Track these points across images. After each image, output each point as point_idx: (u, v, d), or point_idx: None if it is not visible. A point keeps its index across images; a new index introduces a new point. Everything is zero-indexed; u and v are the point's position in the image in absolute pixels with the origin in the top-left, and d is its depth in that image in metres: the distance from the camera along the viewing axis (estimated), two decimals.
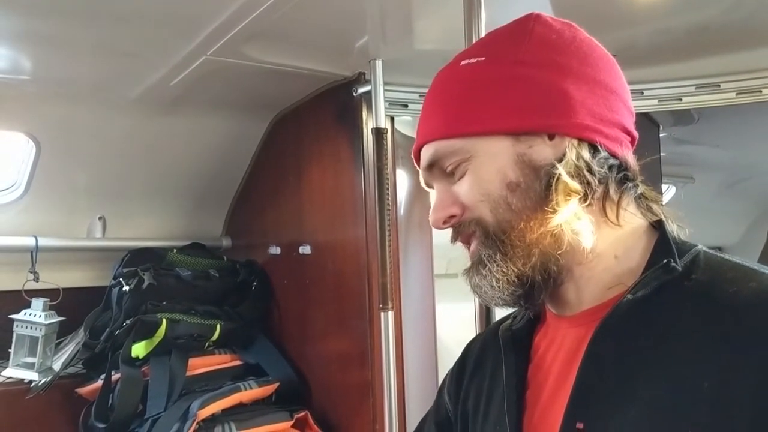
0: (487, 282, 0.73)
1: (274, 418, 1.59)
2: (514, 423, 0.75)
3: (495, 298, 0.74)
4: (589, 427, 0.66)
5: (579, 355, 0.70)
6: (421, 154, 0.79)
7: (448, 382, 0.93)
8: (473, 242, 0.75)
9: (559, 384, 0.73)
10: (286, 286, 1.84)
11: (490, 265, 0.72)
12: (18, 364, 1.72)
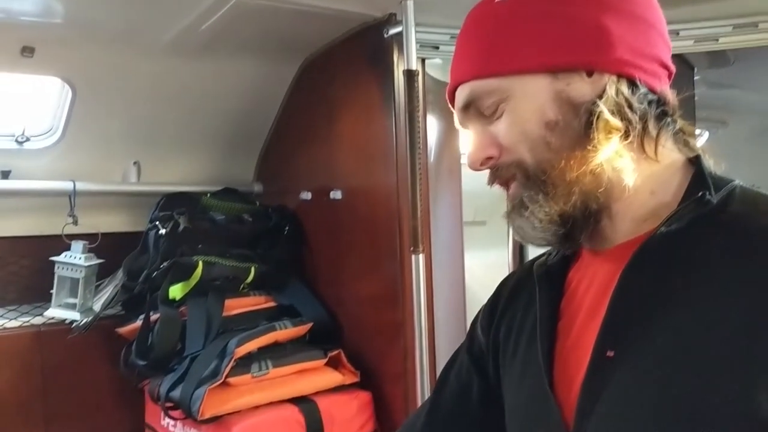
0: (529, 223, 0.73)
1: (308, 356, 1.64)
2: (545, 351, 0.76)
3: (537, 238, 0.74)
4: (618, 355, 0.68)
5: (611, 287, 0.71)
6: (456, 95, 0.79)
7: (481, 316, 0.95)
8: (513, 184, 0.75)
9: (590, 316, 0.75)
10: (317, 230, 1.87)
11: (531, 206, 0.73)
12: (60, 304, 1.79)
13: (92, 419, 1.87)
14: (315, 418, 1.54)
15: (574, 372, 0.74)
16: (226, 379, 1.51)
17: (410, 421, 0.99)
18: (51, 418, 1.84)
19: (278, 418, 1.52)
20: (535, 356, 0.78)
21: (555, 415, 0.73)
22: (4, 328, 1.81)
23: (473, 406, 0.92)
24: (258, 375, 1.56)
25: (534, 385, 0.78)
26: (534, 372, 0.78)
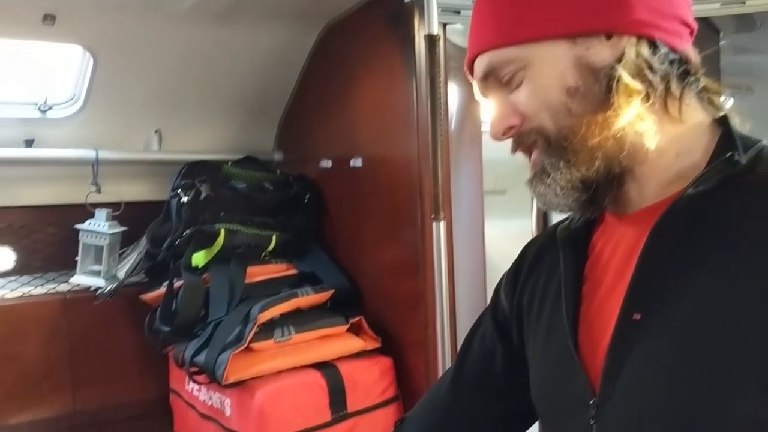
0: (552, 190, 0.73)
1: (330, 322, 1.65)
2: (571, 314, 0.77)
3: (560, 205, 0.74)
4: (645, 317, 0.68)
5: (637, 250, 0.71)
6: (474, 66, 0.78)
7: (504, 281, 0.95)
8: (535, 151, 0.75)
9: (616, 279, 0.75)
10: (337, 198, 1.87)
11: (553, 173, 0.72)
12: (85, 271, 1.81)
13: (118, 384, 1.91)
14: (337, 383, 1.56)
15: (599, 335, 0.74)
16: (249, 344, 1.53)
17: (436, 387, 1.00)
18: (78, 382, 1.88)
19: (301, 382, 1.54)
20: (560, 320, 0.78)
21: (580, 378, 0.73)
22: (30, 295, 1.85)
23: (497, 371, 0.93)
24: (281, 340, 1.58)
25: (559, 348, 0.78)
26: (559, 336, 0.78)
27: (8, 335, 1.80)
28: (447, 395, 0.96)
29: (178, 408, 1.81)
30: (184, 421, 1.78)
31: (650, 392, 0.66)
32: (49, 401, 1.85)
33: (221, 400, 1.58)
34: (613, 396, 0.69)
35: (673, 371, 0.65)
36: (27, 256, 1.92)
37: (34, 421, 1.84)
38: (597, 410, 0.70)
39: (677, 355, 0.65)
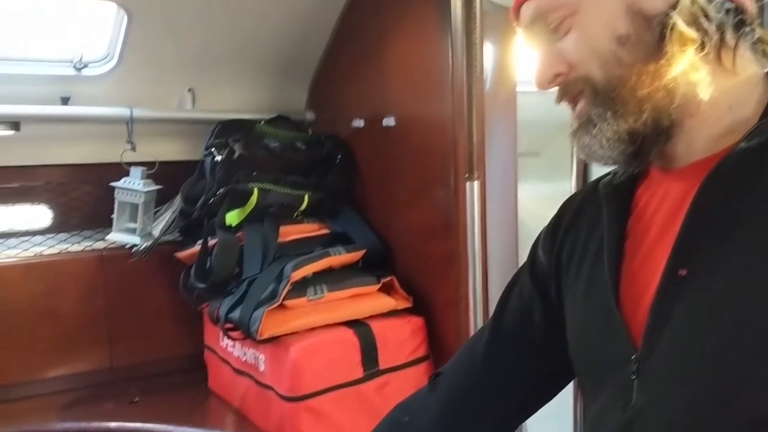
0: (597, 141, 0.72)
1: (362, 281, 1.66)
2: (612, 269, 0.76)
3: (604, 157, 0.73)
4: (691, 273, 0.67)
5: (684, 205, 0.70)
6: (520, 12, 0.77)
7: (543, 237, 0.94)
8: (581, 101, 0.74)
9: (661, 234, 0.74)
10: (369, 158, 1.87)
11: (600, 123, 0.71)
12: (120, 229, 1.84)
13: (153, 339, 1.95)
14: (369, 341, 1.57)
15: (641, 291, 0.73)
16: (283, 301, 1.55)
17: (472, 342, 1.00)
18: (114, 337, 1.92)
19: (334, 339, 1.55)
20: (601, 275, 0.78)
21: (621, 333, 0.73)
22: (68, 251, 1.88)
23: (535, 328, 0.93)
24: (313, 298, 1.59)
25: (599, 303, 0.77)
26: (599, 291, 0.78)
27: (46, 291, 1.84)
28: (483, 351, 0.96)
29: (212, 363, 1.85)
30: (218, 376, 1.81)
31: (693, 349, 0.66)
32: (87, 356, 1.90)
33: (255, 356, 1.61)
34: (655, 352, 0.69)
35: (717, 330, 0.64)
36: (64, 213, 1.95)
37: (72, 375, 1.89)
38: (638, 366, 0.70)
39: (722, 313, 0.65)
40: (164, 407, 1.74)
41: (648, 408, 0.68)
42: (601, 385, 0.76)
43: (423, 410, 0.97)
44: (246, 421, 1.65)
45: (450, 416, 0.95)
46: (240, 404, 1.70)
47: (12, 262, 1.81)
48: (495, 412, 0.95)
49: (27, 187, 1.88)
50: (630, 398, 0.70)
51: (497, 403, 0.95)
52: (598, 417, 0.76)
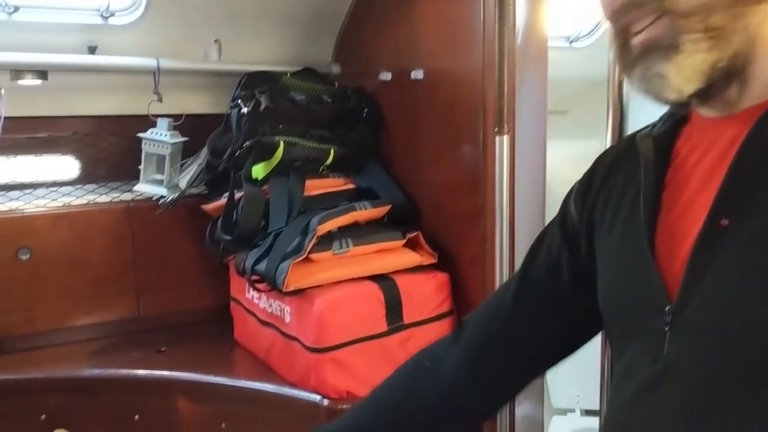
0: (675, 68, 0.67)
1: (387, 236, 1.66)
2: (649, 220, 0.75)
3: (674, 90, 0.68)
4: (733, 224, 0.65)
5: (729, 155, 0.68)
6: None
7: (575, 191, 0.93)
8: (654, 27, 0.69)
9: (702, 185, 0.72)
10: (396, 112, 1.84)
11: (672, 54, 0.67)
12: (147, 180, 1.85)
13: (180, 291, 1.97)
14: (394, 295, 1.58)
15: (678, 242, 0.72)
16: (308, 254, 1.55)
17: (499, 293, 1.00)
18: (142, 288, 1.95)
19: (358, 293, 1.56)
20: (636, 226, 0.76)
21: (656, 283, 0.72)
22: (95, 202, 1.90)
23: (563, 281, 0.92)
24: (339, 252, 1.59)
25: (634, 254, 0.76)
26: (634, 242, 0.76)
27: (75, 241, 1.86)
28: (509, 303, 0.96)
29: (238, 315, 1.87)
30: (244, 327, 1.83)
31: (731, 301, 0.65)
32: (115, 305, 1.93)
33: (281, 308, 1.62)
34: (691, 302, 0.68)
35: (757, 282, 0.63)
36: (91, 165, 1.96)
37: (101, 323, 1.92)
38: (673, 317, 0.69)
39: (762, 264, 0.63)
40: (190, 357, 1.77)
41: (681, 359, 0.67)
42: (631, 337, 0.76)
43: (445, 357, 0.98)
44: (271, 372, 1.67)
45: (472, 364, 0.96)
46: (265, 355, 1.72)
47: (40, 212, 1.83)
48: (517, 363, 0.96)
49: (54, 138, 1.89)
50: (662, 350, 0.69)
51: (520, 353, 0.95)
52: (626, 369, 0.76)
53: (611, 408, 0.78)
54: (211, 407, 1.63)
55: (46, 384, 1.68)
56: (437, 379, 0.97)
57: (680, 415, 0.66)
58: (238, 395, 1.62)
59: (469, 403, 0.98)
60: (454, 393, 0.97)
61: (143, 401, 1.67)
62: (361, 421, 1.00)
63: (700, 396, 0.65)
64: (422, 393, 0.98)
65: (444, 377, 0.97)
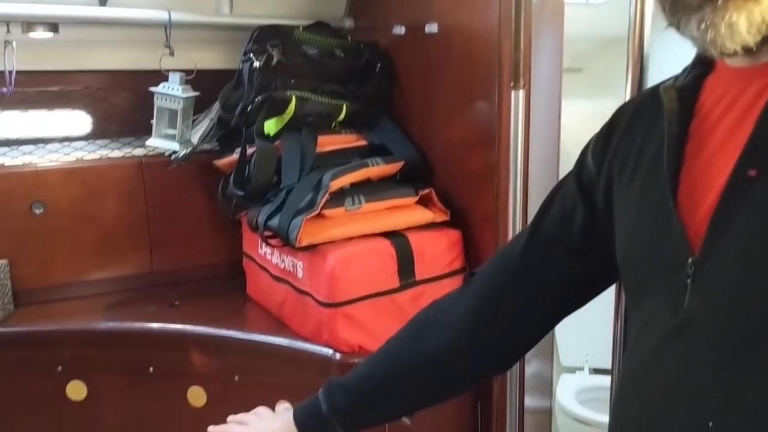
0: (735, 19, 0.63)
1: (400, 193, 1.65)
2: (672, 172, 0.73)
3: (730, 39, 0.64)
4: (761, 175, 0.64)
5: (758, 105, 0.66)
6: None
7: (593, 143, 0.92)
8: None
9: (728, 136, 0.71)
10: (410, 67, 1.82)
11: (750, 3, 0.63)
12: (160, 135, 1.84)
13: (193, 246, 1.98)
14: (406, 252, 1.58)
15: (701, 195, 0.71)
16: (321, 211, 1.54)
17: (510, 245, 1.00)
18: (155, 243, 1.96)
19: (371, 249, 1.56)
20: (658, 178, 0.75)
21: (678, 235, 0.71)
22: (108, 157, 1.90)
23: (574, 234, 0.92)
24: (351, 209, 1.59)
25: (655, 206, 0.76)
26: (656, 194, 0.75)
27: (88, 196, 1.87)
28: (519, 254, 0.96)
29: (250, 270, 1.87)
30: (256, 282, 1.84)
31: (755, 253, 0.64)
32: (129, 260, 1.94)
33: (293, 263, 1.62)
34: (715, 254, 0.67)
35: None
36: (102, 119, 1.96)
37: (114, 278, 1.94)
38: (695, 269, 0.68)
39: None
40: (204, 311, 1.79)
41: (702, 312, 0.67)
42: (650, 290, 0.75)
43: (455, 307, 0.99)
44: (283, 326, 1.68)
45: (481, 313, 0.96)
46: (278, 310, 1.73)
47: (53, 166, 1.84)
48: (526, 314, 0.96)
49: (66, 92, 1.89)
50: (682, 302, 0.69)
51: (529, 304, 0.96)
52: (644, 322, 0.75)
53: (630, 361, 0.78)
54: (225, 360, 1.65)
55: (62, 336, 1.71)
56: (446, 330, 0.98)
57: (704, 365, 0.66)
58: (251, 349, 1.64)
59: (478, 355, 0.99)
60: (461, 344, 0.97)
61: (157, 354, 1.70)
62: (374, 373, 1.01)
63: (724, 346, 0.65)
64: (431, 344, 0.99)
65: (452, 329, 0.97)
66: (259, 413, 1.08)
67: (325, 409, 0.99)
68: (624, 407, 0.78)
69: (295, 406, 1.04)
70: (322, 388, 1.02)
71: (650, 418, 0.71)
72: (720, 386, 0.65)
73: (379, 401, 1.00)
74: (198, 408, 1.67)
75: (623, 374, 0.82)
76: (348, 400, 1.00)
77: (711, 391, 0.65)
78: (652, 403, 0.71)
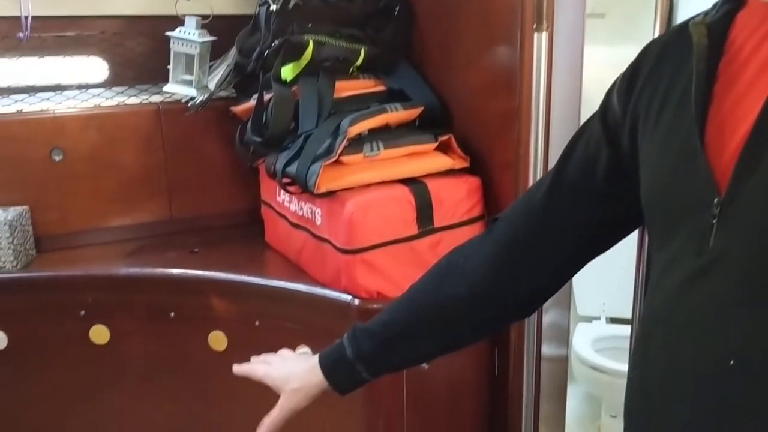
0: None
1: (418, 139, 1.63)
2: (699, 111, 0.72)
3: None
4: None
5: None
6: None
7: (619, 83, 0.89)
8: None
9: (758, 74, 0.68)
10: (429, 10, 1.78)
11: None
12: (177, 81, 1.83)
13: (211, 193, 1.99)
14: (425, 199, 1.57)
15: (729, 134, 0.69)
16: (339, 157, 1.53)
17: (533, 189, 0.98)
18: (174, 190, 1.96)
19: (389, 196, 1.55)
20: (685, 117, 0.73)
21: (705, 175, 0.70)
22: (125, 104, 1.89)
23: (598, 178, 0.90)
24: (370, 155, 1.57)
25: (682, 146, 0.74)
26: (683, 133, 0.74)
27: (107, 143, 1.87)
28: (543, 200, 0.94)
29: (269, 218, 1.88)
30: (274, 230, 1.85)
31: None
32: (148, 207, 1.95)
33: (312, 210, 1.62)
34: (741, 195, 0.65)
35: None
36: (119, 66, 1.95)
37: (134, 225, 1.95)
38: (721, 210, 0.67)
39: None
40: (223, 258, 1.80)
41: (727, 253, 0.66)
42: (674, 231, 0.74)
43: (477, 253, 0.98)
44: (302, 273, 1.69)
45: (503, 260, 0.96)
46: (296, 257, 1.74)
47: (71, 112, 1.84)
48: (549, 260, 0.96)
49: (82, 37, 1.87)
50: (707, 243, 0.68)
51: (552, 250, 0.95)
52: (668, 263, 0.74)
53: (652, 301, 0.78)
54: (245, 306, 1.67)
55: (84, 281, 1.73)
56: (468, 277, 0.98)
57: (727, 305, 0.65)
58: (271, 295, 1.65)
59: (499, 301, 0.98)
60: (484, 291, 0.97)
61: (178, 299, 1.72)
62: (397, 318, 1.01)
63: (749, 286, 0.64)
64: (454, 290, 0.98)
65: (474, 275, 0.97)
66: (283, 355, 1.09)
67: (350, 354, 1.00)
68: (645, 346, 0.77)
69: (320, 351, 1.05)
70: (346, 334, 1.03)
71: (671, 356, 0.71)
72: (743, 325, 0.64)
73: (403, 346, 1.01)
74: (219, 352, 1.70)
75: (645, 314, 0.81)
76: (372, 345, 1.00)
77: (734, 329, 0.65)
78: (674, 341, 0.71)
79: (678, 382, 0.70)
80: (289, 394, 1.03)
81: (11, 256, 1.69)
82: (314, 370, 1.02)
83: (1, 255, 1.68)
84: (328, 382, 1.02)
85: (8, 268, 1.70)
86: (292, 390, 1.03)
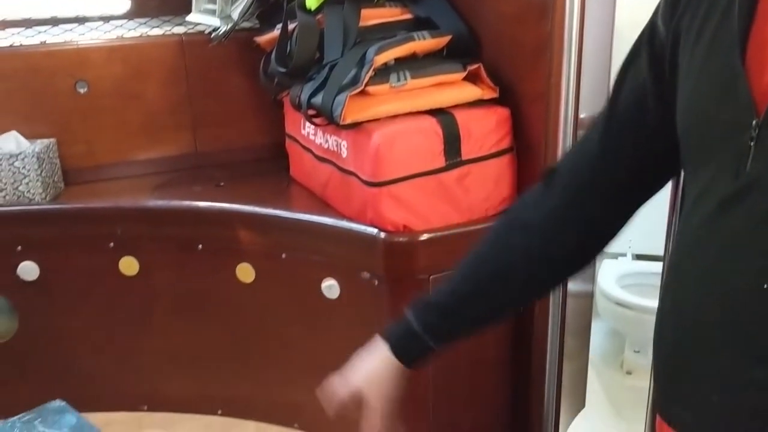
0: None
1: (446, 68, 1.59)
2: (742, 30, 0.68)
3: None
4: None
5: None
6: None
7: (662, 5, 0.85)
8: None
9: None
10: None
11: None
12: (200, 10, 1.79)
13: (236, 127, 1.98)
14: (452, 130, 1.53)
15: None
16: (365, 87, 1.50)
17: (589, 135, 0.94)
18: (198, 124, 1.96)
19: (417, 127, 1.52)
20: (727, 36, 0.70)
21: (743, 95, 0.67)
22: (149, 35, 1.86)
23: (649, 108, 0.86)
24: (397, 85, 1.54)
25: (721, 65, 0.70)
26: (723, 51, 0.70)
27: (131, 74, 1.85)
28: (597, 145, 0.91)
29: (294, 152, 1.86)
30: (300, 164, 1.84)
31: None
32: (173, 140, 1.95)
33: (337, 143, 1.60)
34: None
35: None
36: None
37: (160, 158, 1.96)
38: (759, 131, 0.64)
39: None
40: (249, 192, 1.80)
41: (764, 176, 0.64)
42: (710, 155, 0.71)
43: (541, 205, 0.95)
44: (328, 206, 1.69)
45: (570, 207, 0.93)
46: (321, 191, 1.73)
47: (94, 44, 1.82)
48: (611, 206, 0.93)
49: None
50: (745, 166, 0.65)
51: (613, 195, 0.92)
52: (704, 187, 0.72)
53: (686, 225, 0.75)
54: (271, 238, 1.67)
55: (113, 213, 1.74)
56: (535, 230, 0.94)
57: (764, 228, 0.63)
58: (298, 227, 1.65)
59: (566, 254, 0.96)
60: (552, 242, 0.94)
61: (205, 232, 1.73)
62: (462, 289, 0.98)
63: None
64: (522, 246, 0.95)
65: (542, 227, 0.94)
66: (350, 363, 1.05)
67: (417, 327, 0.98)
68: (678, 271, 0.76)
69: (385, 335, 1.02)
70: (408, 310, 1.01)
71: (705, 279, 0.70)
72: None
73: (471, 314, 0.99)
74: (247, 284, 1.72)
75: (678, 239, 0.79)
76: (439, 316, 0.99)
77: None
78: (708, 264, 0.69)
79: (711, 305, 0.69)
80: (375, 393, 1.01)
81: (40, 188, 1.70)
82: (384, 354, 0.99)
83: (30, 187, 1.70)
84: (399, 359, 1.00)
85: (37, 200, 1.71)
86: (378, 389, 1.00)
